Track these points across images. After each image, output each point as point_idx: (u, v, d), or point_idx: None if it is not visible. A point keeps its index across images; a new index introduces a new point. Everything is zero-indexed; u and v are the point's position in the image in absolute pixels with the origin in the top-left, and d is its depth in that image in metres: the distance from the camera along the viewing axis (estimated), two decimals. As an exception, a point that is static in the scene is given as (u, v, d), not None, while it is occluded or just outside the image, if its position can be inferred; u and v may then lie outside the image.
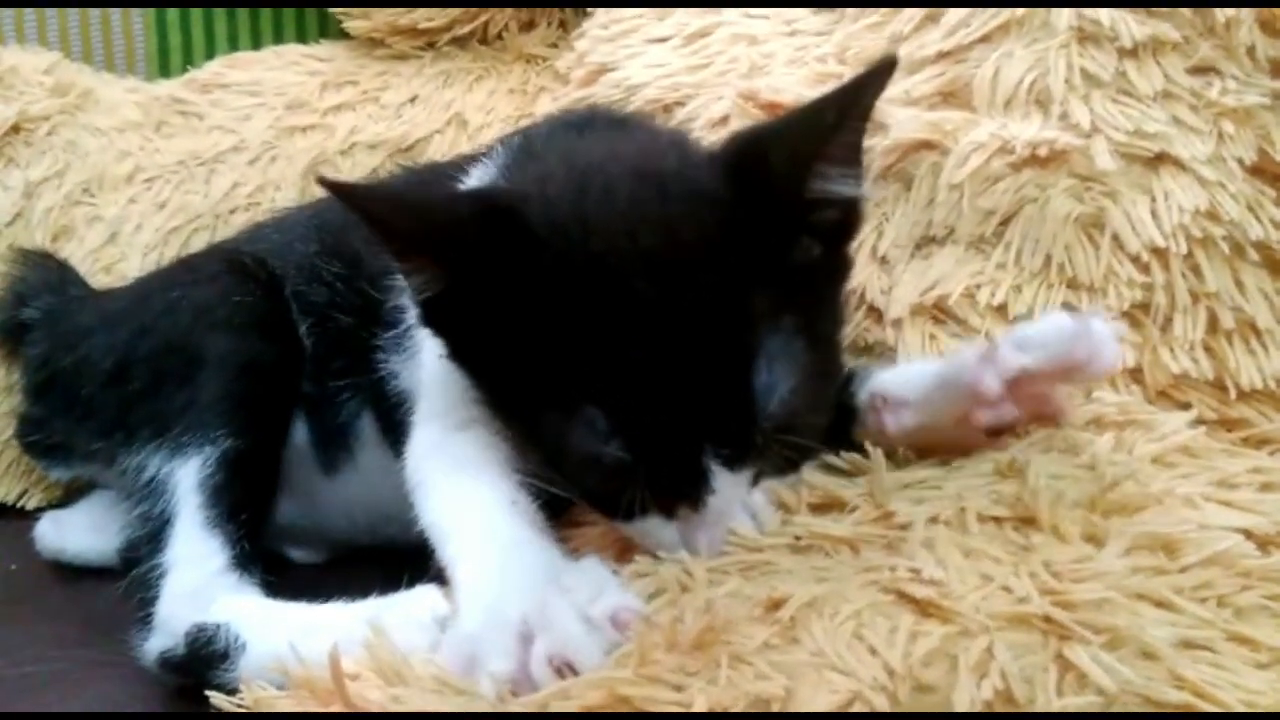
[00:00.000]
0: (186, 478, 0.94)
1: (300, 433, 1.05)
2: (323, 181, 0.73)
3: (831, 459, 0.83)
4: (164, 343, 1.00)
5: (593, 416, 0.72)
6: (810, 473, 0.81)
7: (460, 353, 0.82)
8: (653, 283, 0.72)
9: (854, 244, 0.85)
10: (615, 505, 0.77)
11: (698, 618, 0.67)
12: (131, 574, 0.94)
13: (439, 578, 0.84)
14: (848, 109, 0.75)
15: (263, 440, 0.99)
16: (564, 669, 0.66)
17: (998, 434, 0.82)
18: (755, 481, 0.78)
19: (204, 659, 0.88)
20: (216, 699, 0.77)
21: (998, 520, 0.76)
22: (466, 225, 0.75)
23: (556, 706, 0.64)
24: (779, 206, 0.76)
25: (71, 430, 1.08)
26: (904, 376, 0.84)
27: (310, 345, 1.04)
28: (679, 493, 0.74)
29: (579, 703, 0.63)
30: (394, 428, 0.98)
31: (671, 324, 0.72)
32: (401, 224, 0.76)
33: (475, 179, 0.96)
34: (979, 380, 0.78)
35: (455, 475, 0.84)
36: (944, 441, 0.83)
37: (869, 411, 0.84)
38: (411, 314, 0.91)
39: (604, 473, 0.74)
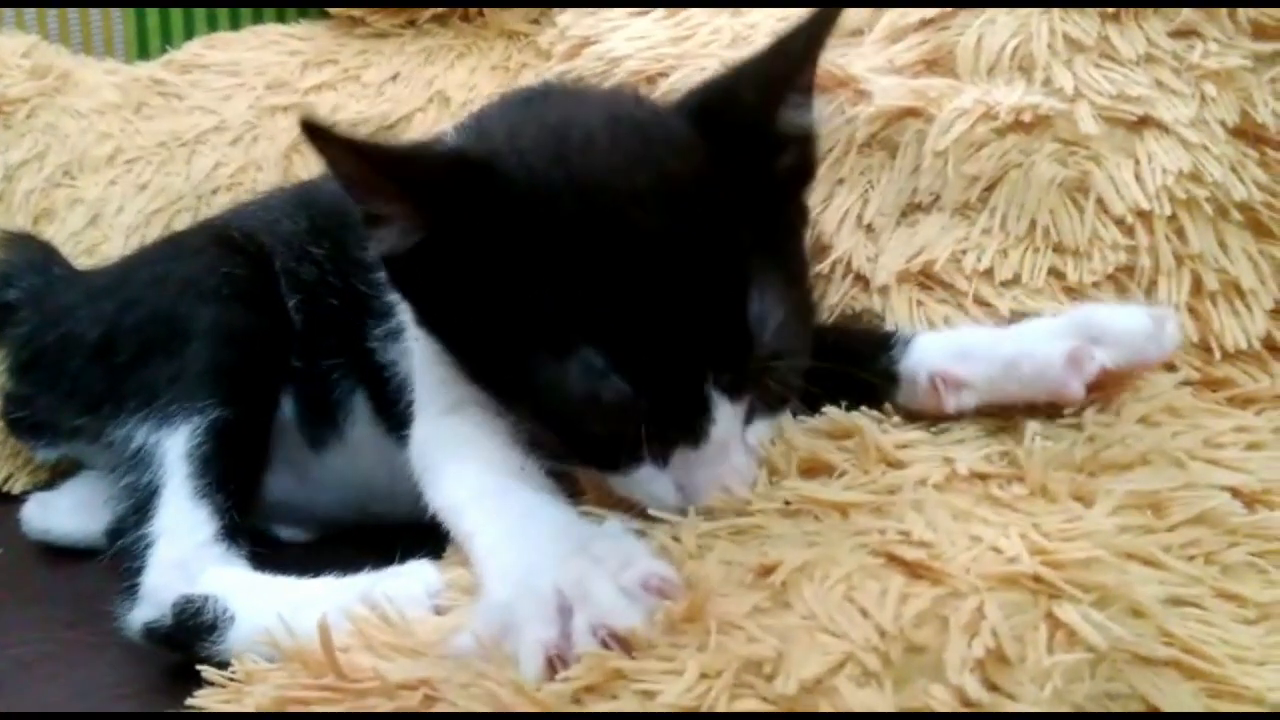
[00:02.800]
0: (175, 447, 0.93)
1: (288, 408, 1.04)
2: (306, 125, 0.70)
3: (818, 420, 0.83)
4: (151, 314, 1.00)
5: (589, 356, 0.72)
6: (798, 436, 0.81)
7: (431, 315, 0.82)
8: (649, 217, 0.74)
9: (808, 190, 0.89)
10: (611, 453, 0.76)
11: (685, 594, 0.67)
12: (117, 544, 0.93)
13: (430, 555, 0.84)
14: (815, 39, 0.78)
15: (251, 411, 0.98)
16: (609, 640, 0.64)
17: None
18: (747, 420, 0.78)
19: (191, 630, 0.86)
20: (209, 673, 0.77)
21: (983, 477, 0.77)
22: (445, 172, 0.75)
23: (549, 687, 0.63)
24: (752, 145, 0.78)
25: (57, 407, 1.07)
26: (966, 357, 0.83)
27: (300, 321, 1.03)
28: (682, 424, 0.74)
29: (574, 684, 0.63)
30: (390, 411, 0.98)
31: (669, 256, 0.73)
32: (385, 164, 0.74)
33: None
34: (1066, 386, 0.79)
35: (457, 455, 0.84)
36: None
37: (928, 390, 0.83)
38: (402, 304, 0.91)
39: (604, 412, 0.73)
